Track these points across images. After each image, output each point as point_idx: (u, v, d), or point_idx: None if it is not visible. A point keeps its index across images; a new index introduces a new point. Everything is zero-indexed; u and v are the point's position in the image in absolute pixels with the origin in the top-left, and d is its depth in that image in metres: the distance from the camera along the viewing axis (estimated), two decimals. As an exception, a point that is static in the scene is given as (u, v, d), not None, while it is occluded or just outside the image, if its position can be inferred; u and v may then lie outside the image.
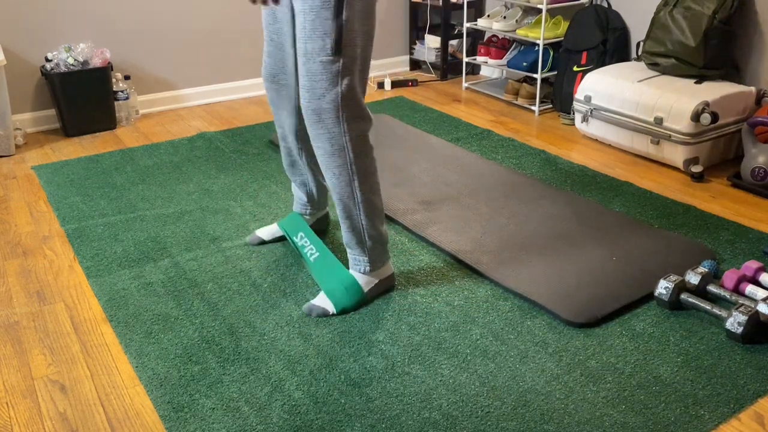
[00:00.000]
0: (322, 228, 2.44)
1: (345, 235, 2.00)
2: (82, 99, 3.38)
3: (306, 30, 1.76)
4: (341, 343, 1.87)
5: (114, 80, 3.52)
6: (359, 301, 2.02)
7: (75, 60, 3.34)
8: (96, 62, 3.40)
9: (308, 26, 1.76)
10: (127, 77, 3.60)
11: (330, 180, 1.91)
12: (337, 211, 2.02)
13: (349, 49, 1.78)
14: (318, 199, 2.33)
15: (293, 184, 2.31)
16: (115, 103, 3.53)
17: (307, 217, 2.37)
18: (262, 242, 2.37)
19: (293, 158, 2.22)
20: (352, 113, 1.83)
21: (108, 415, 1.64)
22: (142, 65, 3.71)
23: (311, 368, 1.78)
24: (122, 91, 3.54)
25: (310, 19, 1.75)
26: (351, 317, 1.98)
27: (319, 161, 1.92)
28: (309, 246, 2.18)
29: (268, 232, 2.38)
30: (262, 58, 2.08)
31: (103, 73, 3.39)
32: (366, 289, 2.03)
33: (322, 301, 2.00)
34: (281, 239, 2.39)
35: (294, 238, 2.24)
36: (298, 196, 2.33)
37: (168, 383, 1.73)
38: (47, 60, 3.36)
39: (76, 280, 2.21)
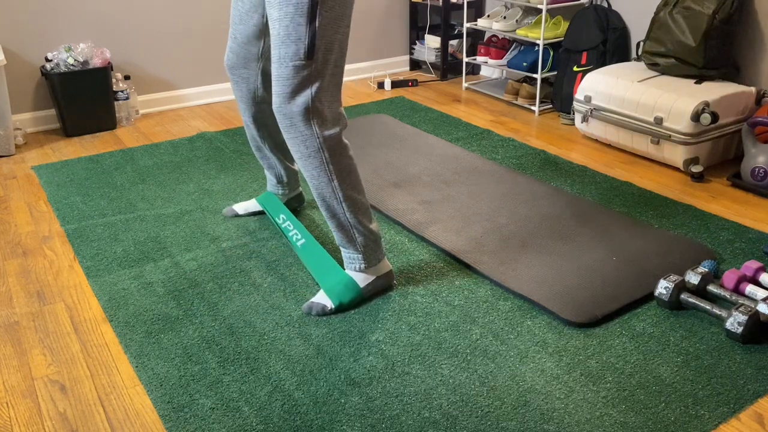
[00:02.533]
0: (295, 207, 2.59)
1: (335, 235, 2.01)
2: (82, 99, 3.38)
3: (280, 36, 1.78)
4: (341, 343, 1.87)
5: (114, 80, 3.52)
6: (356, 298, 2.02)
7: (75, 60, 3.34)
8: (96, 62, 3.40)
9: (282, 32, 1.78)
10: (127, 77, 3.60)
11: (310, 181, 1.93)
12: (322, 213, 2.04)
13: (321, 53, 1.80)
14: (287, 181, 2.50)
15: (264, 168, 2.49)
16: (115, 103, 3.53)
17: (280, 196, 2.53)
18: (236, 215, 2.56)
19: (258, 144, 2.38)
20: (323, 116, 1.86)
21: (108, 415, 1.64)
22: (142, 65, 3.71)
23: (311, 368, 1.78)
24: (122, 91, 3.54)
25: (284, 25, 1.77)
26: (351, 317, 1.98)
27: (297, 164, 1.97)
28: (293, 231, 2.32)
29: (243, 207, 2.57)
30: (226, 48, 2.22)
31: (103, 73, 3.39)
32: (362, 286, 2.03)
33: (320, 297, 2.01)
34: (256, 215, 2.56)
35: (276, 219, 2.40)
36: (269, 178, 2.51)
37: (168, 383, 1.73)
38: (47, 60, 3.36)
39: (76, 280, 2.21)
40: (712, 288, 2.03)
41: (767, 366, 1.77)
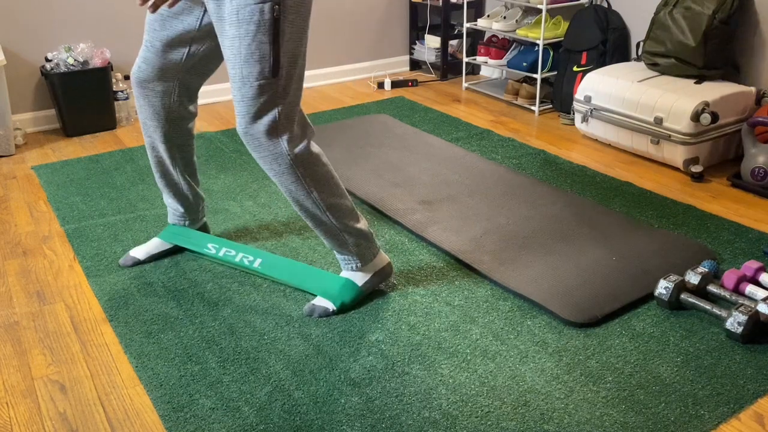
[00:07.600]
0: None
1: (325, 242, 1.99)
2: (82, 99, 3.38)
3: (242, 55, 1.72)
4: (341, 343, 1.87)
5: (114, 80, 3.52)
6: (357, 297, 2.02)
7: (75, 60, 3.34)
8: (96, 62, 3.40)
9: (244, 51, 1.71)
10: (127, 77, 3.60)
11: (288, 196, 1.89)
12: (308, 224, 2.00)
13: (286, 69, 1.75)
14: (196, 207, 2.28)
15: (166, 196, 2.23)
16: (115, 103, 3.53)
17: (188, 227, 2.30)
18: (138, 263, 2.26)
19: (165, 168, 2.16)
20: (291, 131, 1.81)
21: (108, 415, 1.64)
22: (142, 65, 3.71)
23: (311, 368, 1.78)
24: (122, 91, 3.54)
25: (246, 44, 1.70)
26: (351, 317, 1.98)
27: (273, 180, 1.88)
28: (240, 255, 2.16)
29: (144, 251, 2.28)
30: (136, 61, 2.03)
31: (103, 73, 3.39)
32: (360, 284, 2.03)
33: (321, 300, 2.01)
34: (164, 256, 2.29)
35: (205, 251, 2.19)
36: (174, 207, 2.25)
37: (168, 383, 1.73)
38: (47, 60, 3.36)
39: (76, 280, 2.21)
40: (712, 288, 2.03)
41: (767, 366, 1.77)
